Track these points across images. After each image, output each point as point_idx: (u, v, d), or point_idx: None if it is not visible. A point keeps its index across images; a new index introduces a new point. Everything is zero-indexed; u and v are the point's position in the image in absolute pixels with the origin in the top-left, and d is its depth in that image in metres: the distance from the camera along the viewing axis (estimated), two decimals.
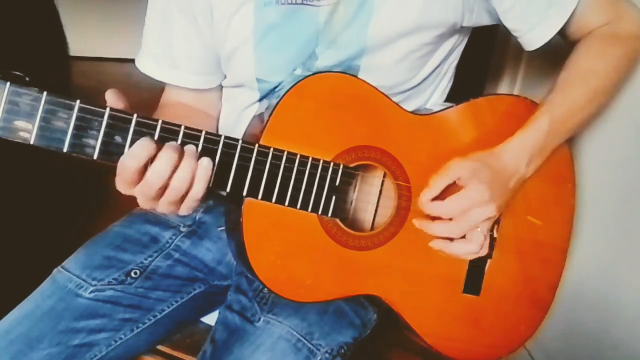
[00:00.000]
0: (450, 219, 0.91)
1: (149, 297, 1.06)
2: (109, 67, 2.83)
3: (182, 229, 1.15)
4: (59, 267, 1.05)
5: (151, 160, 0.76)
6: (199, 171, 0.79)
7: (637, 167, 1.09)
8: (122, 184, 0.78)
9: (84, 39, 2.91)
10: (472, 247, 0.93)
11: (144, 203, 0.80)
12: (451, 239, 0.94)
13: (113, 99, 0.77)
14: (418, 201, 0.92)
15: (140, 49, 1.11)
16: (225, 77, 1.13)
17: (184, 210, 0.81)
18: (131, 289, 1.04)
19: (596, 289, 1.16)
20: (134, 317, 1.04)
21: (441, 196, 0.91)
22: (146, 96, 1.12)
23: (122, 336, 1.02)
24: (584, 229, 1.12)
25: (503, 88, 1.66)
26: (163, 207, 0.80)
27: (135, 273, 1.06)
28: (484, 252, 0.94)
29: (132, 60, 1.12)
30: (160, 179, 0.77)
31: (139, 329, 1.04)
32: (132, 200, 0.81)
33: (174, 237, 1.13)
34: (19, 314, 0.97)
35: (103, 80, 2.66)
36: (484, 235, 0.93)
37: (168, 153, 0.76)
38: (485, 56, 1.72)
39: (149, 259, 1.09)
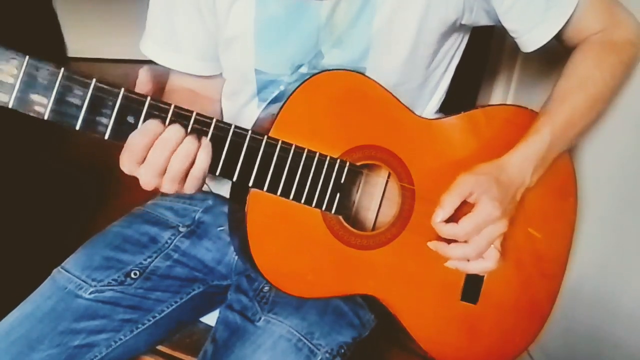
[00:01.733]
0: (466, 240, 0.91)
1: (149, 297, 1.06)
2: (107, 68, 2.81)
3: (181, 229, 1.15)
4: (59, 268, 1.05)
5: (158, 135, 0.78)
6: (201, 149, 0.80)
7: (636, 168, 1.09)
8: (128, 161, 0.79)
9: (82, 40, 2.90)
10: (488, 265, 0.93)
11: (147, 181, 0.80)
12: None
13: (146, 78, 0.79)
14: (432, 222, 0.91)
15: (144, 32, 1.10)
16: None
17: (188, 188, 0.82)
18: (131, 290, 1.04)
19: (596, 289, 1.16)
20: (134, 318, 1.04)
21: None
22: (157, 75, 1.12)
23: (122, 337, 1.02)
24: (583, 230, 1.12)
25: (497, 91, 1.66)
26: (167, 183, 0.81)
27: (135, 274, 1.06)
28: (498, 265, 0.94)
29: (130, 61, 1.12)
30: (166, 150, 0.78)
31: (139, 330, 1.04)
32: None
33: (173, 238, 1.13)
34: (19, 314, 0.97)
35: None
36: (498, 250, 0.93)
37: (174, 128, 0.78)
38: (480, 59, 1.71)
39: (149, 259, 1.09)
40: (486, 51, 1.69)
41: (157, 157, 0.78)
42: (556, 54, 1.04)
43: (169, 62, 1.10)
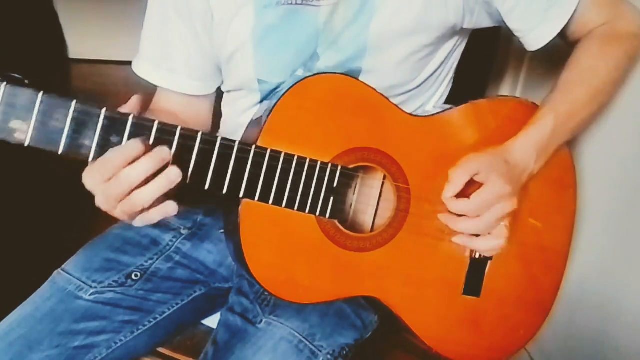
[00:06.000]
0: (477, 216, 0.91)
1: (150, 299, 1.06)
2: (108, 70, 2.83)
3: (182, 231, 1.15)
4: (59, 270, 1.05)
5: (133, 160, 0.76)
6: (159, 179, 0.77)
7: (638, 169, 1.09)
8: (92, 177, 0.77)
9: (84, 41, 2.90)
10: (498, 242, 0.93)
11: (101, 202, 0.79)
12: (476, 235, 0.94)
13: (134, 104, 0.78)
14: (442, 197, 0.91)
15: (137, 52, 1.11)
16: (222, 82, 1.13)
17: (138, 222, 0.81)
18: (131, 292, 1.04)
19: (596, 291, 1.16)
20: (134, 320, 1.04)
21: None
22: (145, 99, 1.12)
23: (122, 338, 1.02)
24: (584, 231, 1.12)
25: (505, 90, 1.66)
26: (118, 213, 0.79)
27: (136, 275, 1.06)
28: (505, 245, 0.94)
29: (132, 63, 1.12)
30: (128, 184, 0.75)
31: (139, 331, 1.04)
32: None
33: (174, 240, 1.13)
34: (19, 315, 0.97)
35: (103, 83, 2.66)
36: (507, 228, 0.93)
37: (138, 169, 0.75)
38: (487, 58, 1.72)
39: (150, 261, 1.09)
40: (493, 50, 1.70)
41: (119, 187, 0.76)
42: (564, 53, 1.03)
43: (162, 81, 1.11)
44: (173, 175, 0.77)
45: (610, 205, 1.15)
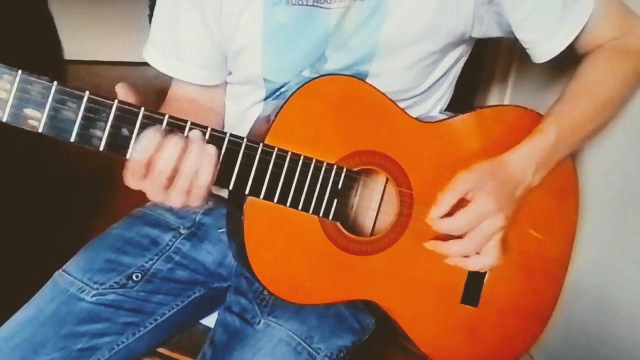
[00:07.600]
0: (462, 236, 0.91)
1: (150, 300, 1.06)
2: (104, 70, 2.81)
3: (182, 230, 1.15)
4: (60, 271, 1.05)
5: (158, 150, 0.77)
6: (205, 157, 0.79)
7: (635, 166, 1.09)
8: (132, 178, 0.79)
9: (79, 42, 2.90)
10: (489, 261, 0.93)
11: (155, 196, 0.80)
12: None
13: (123, 92, 0.78)
14: (428, 219, 0.91)
15: (147, 39, 1.10)
16: (230, 72, 1.12)
17: (195, 200, 0.81)
18: (133, 293, 1.05)
19: (596, 288, 1.16)
20: (136, 321, 1.04)
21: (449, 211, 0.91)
22: (140, 99, 1.13)
23: (125, 340, 1.02)
24: (583, 228, 1.12)
25: (493, 97, 1.67)
26: (174, 197, 0.80)
27: (137, 276, 1.06)
28: (499, 262, 0.94)
29: (127, 63, 1.12)
30: (168, 166, 0.77)
31: (141, 333, 1.04)
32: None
33: (174, 240, 1.14)
34: (22, 318, 0.98)
35: (98, 84, 2.65)
36: (498, 246, 0.93)
37: (175, 140, 0.77)
38: (476, 61, 1.72)
39: (150, 262, 1.09)
40: (482, 53, 1.70)
41: (160, 175, 0.77)
42: (553, 60, 1.02)
43: (172, 70, 1.10)
44: (211, 150, 0.79)
45: (608, 204, 1.15)
